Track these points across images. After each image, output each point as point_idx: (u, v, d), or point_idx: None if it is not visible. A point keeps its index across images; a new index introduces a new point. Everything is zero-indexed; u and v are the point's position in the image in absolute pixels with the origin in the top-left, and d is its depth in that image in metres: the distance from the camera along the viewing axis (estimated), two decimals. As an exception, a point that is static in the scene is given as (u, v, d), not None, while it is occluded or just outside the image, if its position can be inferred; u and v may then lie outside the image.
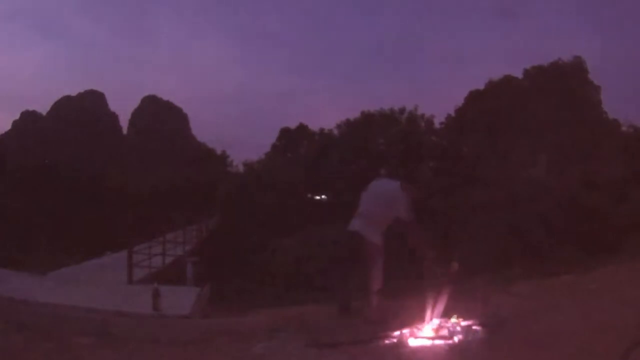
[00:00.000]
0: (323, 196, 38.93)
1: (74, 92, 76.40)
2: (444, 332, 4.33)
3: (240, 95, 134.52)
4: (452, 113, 44.09)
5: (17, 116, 73.67)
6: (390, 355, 3.94)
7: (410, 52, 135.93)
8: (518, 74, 44.13)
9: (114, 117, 76.36)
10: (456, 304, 4.67)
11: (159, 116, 74.63)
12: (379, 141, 39.84)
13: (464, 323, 4.44)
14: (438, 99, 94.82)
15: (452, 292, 4.69)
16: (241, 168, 50.30)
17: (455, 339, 4.22)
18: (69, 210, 34.23)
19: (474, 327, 4.36)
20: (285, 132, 49.85)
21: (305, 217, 31.62)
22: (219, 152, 61.27)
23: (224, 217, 35.41)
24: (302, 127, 49.37)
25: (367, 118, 42.17)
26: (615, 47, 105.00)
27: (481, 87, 44.34)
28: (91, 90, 76.20)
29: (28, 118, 72.42)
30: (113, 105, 77.19)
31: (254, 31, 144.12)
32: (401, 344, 4.19)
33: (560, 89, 38.71)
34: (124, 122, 77.09)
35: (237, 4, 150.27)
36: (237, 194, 37.62)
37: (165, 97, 78.92)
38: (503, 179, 30.35)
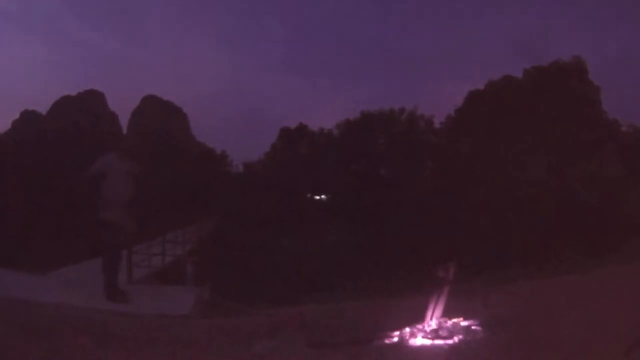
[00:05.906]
0: (323, 196, 38.92)
1: (74, 92, 76.47)
2: (444, 332, 4.33)
3: (240, 95, 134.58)
4: (452, 113, 44.09)
5: (17, 116, 73.72)
6: (390, 355, 3.93)
7: (411, 52, 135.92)
8: (518, 74, 44.14)
9: (114, 117, 76.28)
10: (456, 304, 4.67)
11: (159, 116, 74.58)
12: (379, 141, 39.82)
13: (463, 323, 4.44)
14: (438, 99, 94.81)
15: (452, 292, 4.68)
16: (241, 168, 50.34)
17: (455, 338, 4.21)
18: (69, 210, 34.18)
19: (474, 327, 4.36)
20: (285, 132, 49.81)
21: (305, 217, 31.60)
22: (218, 152, 61.22)
23: (224, 217, 35.40)
24: (302, 127, 49.33)
25: (367, 118, 42.09)
26: (615, 47, 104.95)
27: (481, 87, 44.36)
28: (91, 90, 76.15)
29: (28, 118, 72.38)
30: (113, 105, 77.24)
31: (254, 31, 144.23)
32: (401, 344, 4.19)
33: (560, 89, 38.63)
34: (124, 122, 77.12)
35: (237, 4, 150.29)
36: (237, 194, 37.61)
37: (165, 97, 79.02)
38: (503, 179, 30.32)
